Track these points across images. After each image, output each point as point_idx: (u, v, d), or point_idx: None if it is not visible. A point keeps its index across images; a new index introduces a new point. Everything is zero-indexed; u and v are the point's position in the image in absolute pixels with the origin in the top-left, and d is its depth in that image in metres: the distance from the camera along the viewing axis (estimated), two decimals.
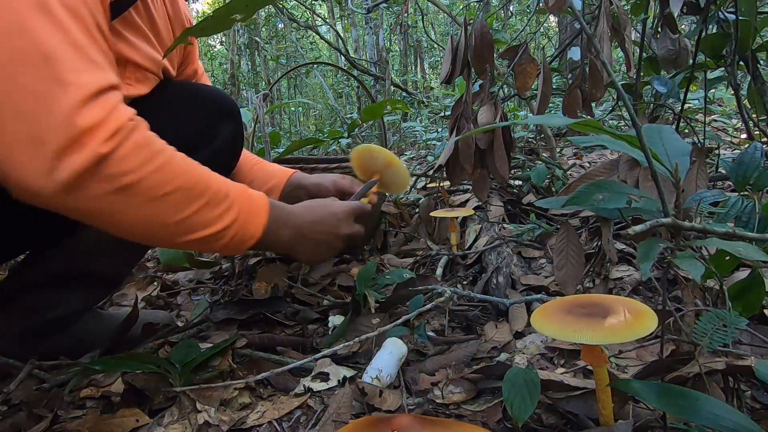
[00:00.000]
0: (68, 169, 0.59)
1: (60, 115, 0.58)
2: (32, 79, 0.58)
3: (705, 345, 0.61)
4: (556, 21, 5.75)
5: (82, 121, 0.59)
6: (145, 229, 0.69)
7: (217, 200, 0.73)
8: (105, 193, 0.63)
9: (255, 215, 0.78)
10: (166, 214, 0.68)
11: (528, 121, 0.63)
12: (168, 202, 0.68)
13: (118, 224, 0.68)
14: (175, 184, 0.68)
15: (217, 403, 0.79)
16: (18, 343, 0.95)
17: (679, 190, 0.62)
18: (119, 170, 0.63)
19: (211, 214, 0.72)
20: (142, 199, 0.65)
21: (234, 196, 0.75)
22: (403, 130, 4.36)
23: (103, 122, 0.61)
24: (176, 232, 0.70)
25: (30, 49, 0.59)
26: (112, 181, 0.63)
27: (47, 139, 0.58)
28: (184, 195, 0.69)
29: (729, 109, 3.21)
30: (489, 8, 5.85)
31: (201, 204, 0.71)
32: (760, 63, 1.48)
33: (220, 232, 0.73)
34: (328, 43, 6.71)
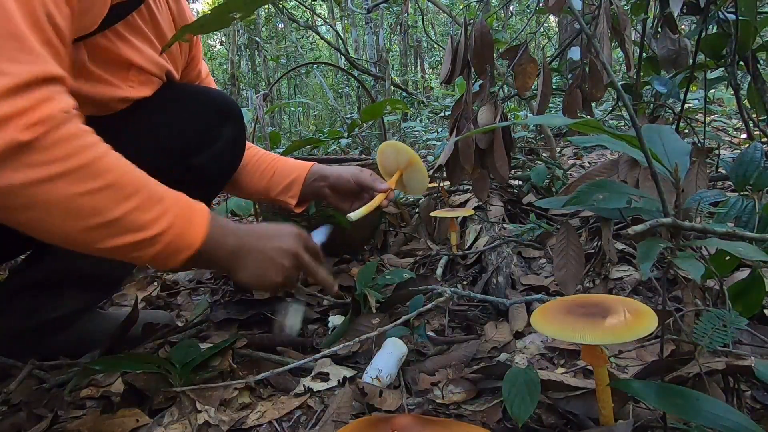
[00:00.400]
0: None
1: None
2: None
3: (705, 345, 0.61)
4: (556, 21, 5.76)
5: (2, 108, 0.56)
6: (63, 230, 0.63)
7: (148, 204, 0.67)
8: (22, 183, 0.58)
9: (194, 223, 0.71)
10: (89, 214, 0.63)
11: (528, 121, 0.63)
12: (92, 201, 0.62)
13: (33, 222, 0.62)
14: (103, 181, 0.63)
15: (217, 403, 0.79)
16: (18, 342, 0.95)
17: (679, 190, 0.62)
18: (40, 159, 0.59)
19: (142, 218, 0.66)
20: (62, 195, 0.60)
21: (170, 201, 0.69)
22: (403, 130, 4.36)
23: (26, 111, 0.58)
24: (99, 235, 0.64)
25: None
26: (31, 170, 0.58)
27: None
28: (111, 195, 0.64)
29: (729, 109, 3.21)
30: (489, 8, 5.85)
31: (130, 206, 0.65)
32: (760, 63, 1.48)
33: (152, 239, 0.66)
34: (328, 43, 6.71)
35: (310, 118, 12.08)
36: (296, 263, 0.81)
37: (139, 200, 0.66)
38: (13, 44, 0.59)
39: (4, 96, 0.56)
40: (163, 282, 1.49)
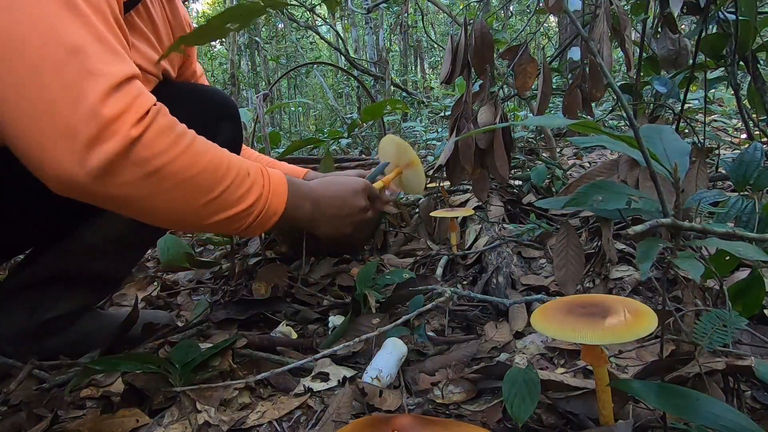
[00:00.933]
0: (100, 155, 0.61)
1: (90, 105, 0.60)
2: (62, 74, 0.60)
3: (705, 345, 0.61)
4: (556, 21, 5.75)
5: (109, 109, 0.61)
6: (176, 213, 0.70)
7: (240, 179, 0.74)
8: (136, 178, 0.64)
9: (276, 191, 0.79)
10: (196, 196, 0.70)
11: (528, 122, 0.63)
12: (196, 184, 0.69)
13: (149, 209, 0.69)
14: (201, 165, 0.69)
15: (217, 403, 0.79)
16: (18, 342, 0.95)
17: (678, 190, 0.62)
18: (149, 153, 0.64)
19: (237, 192, 0.73)
20: (172, 182, 0.67)
21: (254, 175, 0.77)
22: (403, 130, 4.36)
23: (130, 108, 0.62)
24: (205, 213, 0.71)
25: (58, 46, 0.61)
26: (142, 165, 0.64)
27: (79, 129, 0.60)
28: (210, 176, 0.70)
29: (729, 109, 3.21)
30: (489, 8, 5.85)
31: (227, 184, 0.72)
32: (760, 63, 1.48)
33: (247, 210, 0.75)
34: (328, 43, 6.71)
35: (310, 118, 12.08)
36: (365, 215, 0.96)
37: (233, 176, 0.73)
38: (101, 47, 0.63)
39: (109, 94, 0.61)
40: (163, 282, 1.49)
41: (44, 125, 0.60)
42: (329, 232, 0.92)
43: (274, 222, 0.80)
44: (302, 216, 0.86)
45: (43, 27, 0.60)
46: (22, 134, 0.61)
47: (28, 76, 0.60)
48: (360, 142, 3.82)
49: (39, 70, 0.60)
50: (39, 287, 0.97)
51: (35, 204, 0.91)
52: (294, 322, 1.13)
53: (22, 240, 1.00)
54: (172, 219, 0.72)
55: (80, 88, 0.60)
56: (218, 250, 1.81)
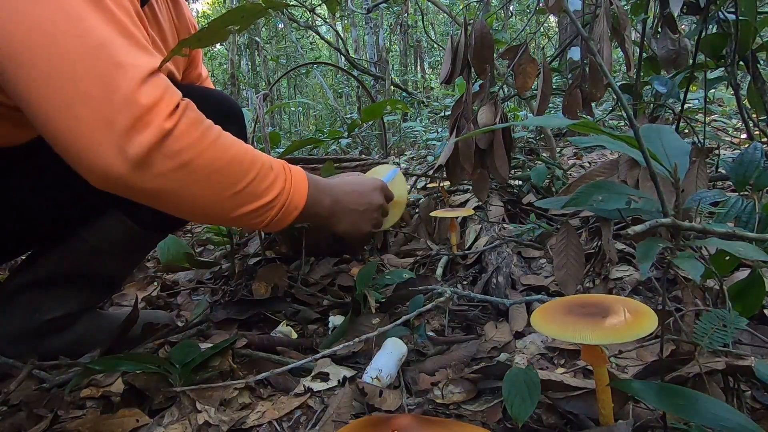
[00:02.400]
0: (137, 146, 0.61)
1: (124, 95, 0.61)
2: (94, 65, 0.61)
3: (705, 345, 0.61)
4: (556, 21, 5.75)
5: (145, 99, 0.61)
6: (205, 204, 0.71)
7: (264, 172, 0.75)
8: (170, 170, 0.65)
9: (298, 186, 0.80)
10: (223, 188, 0.70)
11: (527, 122, 0.63)
12: (224, 176, 0.70)
13: (181, 201, 0.69)
14: (227, 157, 0.70)
15: (217, 403, 0.79)
16: (18, 342, 0.96)
17: (678, 190, 0.62)
18: (181, 145, 0.65)
19: (262, 185, 0.74)
20: (202, 174, 0.68)
21: (277, 168, 0.78)
22: (403, 130, 4.36)
23: (162, 99, 0.63)
24: (232, 205, 0.73)
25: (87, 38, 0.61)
26: (176, 156, 0.65)
27: (115, 119, 0.60)
28: (236, 168, 0.71)
29: (729, 109, 3.21)
30: (489, 8, 5.85)
31: (252, 176, 0.73)
32: (760, 63, 1.48)
33: (270, 203, 0.76)
34: (328, 43, 6.71)
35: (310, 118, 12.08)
36: (382, 213, 0.97)
37: (257, 169, 0.74)
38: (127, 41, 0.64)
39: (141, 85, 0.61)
40: (163, 282, 1.49)
41: (81, 115, 0.60)
42: (348, 228, 0.92)
43: (295, 216, 0.80)
44: (322, 211, 0.86)
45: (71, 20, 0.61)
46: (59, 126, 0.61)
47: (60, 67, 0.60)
48: (360, 142, 3.82)
49: (71, 61, 0.60)
50: (39, 288, 0.97)
51: (36, 206, 0.91)
52: (294, 322, 1.13)
53: (23, 242, 1.00)
54: (202, 211, 0.73)
55: (112, 78, 0.61)
56: (218, 250, 1.81)
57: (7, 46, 0.60)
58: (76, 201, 0.94)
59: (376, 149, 3.98)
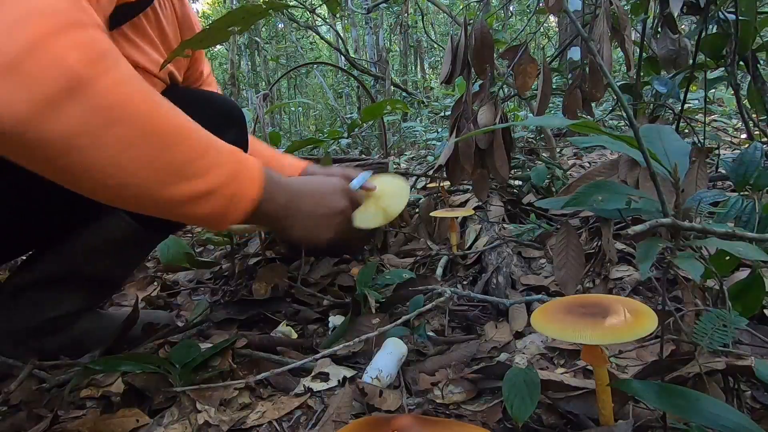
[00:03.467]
0: (41, 85, 0.51)
1: (28, 37, 0.51)
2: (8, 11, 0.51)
3: (705, 345, 0.61)
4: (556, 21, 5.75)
5: (63, 39, 0.52)
6: (128, 169, 0.57)
7: (204, 147, 0.63)
8: (85, 123, 0.53)
9: (250, 173, 0.68)
10: (151, 146, 0.57)
11: (527, 122, 0.63)
12: (153, 144, 0.57)
13: (90, 163, 0.55)
14: (163, 124, 0.59)
15: (217, 403, 0.79)
16: (18, 341, 0.96)
17: (678, 190, 0.62)
18: (103, 100, 0.54)
19: (201, 161, 0.61)
20: (126, 128, 0.55)
21: (227, 150, 0.66)
22: (403, 130, 4.36)
23: (85, 44, 0.54)
24: (165, 177, 0.59)
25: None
26: (95, 112, 0.54)
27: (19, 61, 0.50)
28: (171, 138, 0.59)
29: (729, 109, 3.21)
30: (489, 8, 5.85)
31: (190, 145, 0.61)
32: (760, 63, 1.48)
33: (207, 193, 0.62)
34: (328, 43, 6.71)
35: (310, 118, 12.07)
36: (344, 218, 0.84)
37: (195, 140, 0.62)
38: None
39: (63, 30, 0.52)
40: (163, 282, 1.49)
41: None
42: (303, 234, 0.79)
43: (244, 210, 0.67)
44: (275, 210, 0.73)
45: None
46: None
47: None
48: (360, 142, 3.82)
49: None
50: (40, 287, 0.97)
51: (38, 206, 0.91)
52: (294, 322, 1.13)
53: (25, 242, 1.00)
54: (121, 181, 0.57)
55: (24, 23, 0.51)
56: (218, 250, 1.81)
57: None
58: (77, 200, 0.94)
59: (376, 149, 3.98)
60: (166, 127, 0.59)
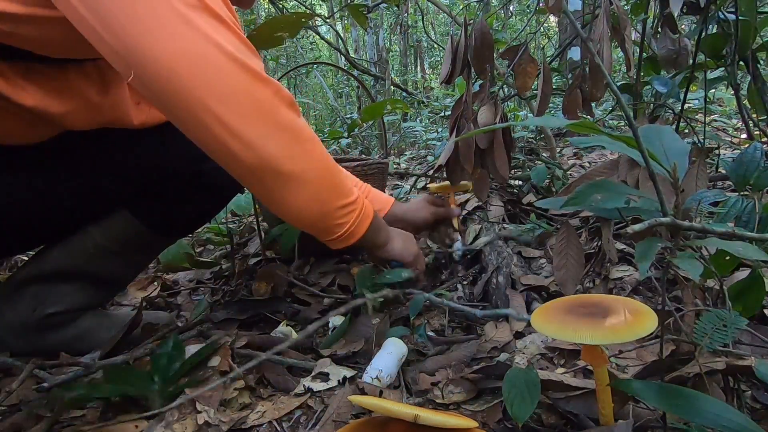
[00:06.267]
0: (283, 109, 0.76)
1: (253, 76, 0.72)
2: (237, 75, 0.70)
3: (705, 345, 0.61)
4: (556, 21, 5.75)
5: (273, 83, 0.74)
6: (314, 203, 0.81)
7: (351, 200, 0.88)
8: (290, 139, 0.76)
9: (365, 221, 0.92)
10: (331, 195, 0.83)
11: (527, 123, 0.63)
12: (329, 185, 0.82)
13: (293, 183, 0.78)
14: (327, 162, 0.82)
15: (217, 403, 0.79)
16: (20, 334, 0.96)
17: (678, 190, 0.62)
18: (302, 135, 0.78)
19: (345, 202, 0.87)
20: (318, 171, 0.80)
21: (357, 201, 0.90)
22: (403, 130, 4.36)
23: (282, 89, 0.76)
24: (330, 210, 0.84)
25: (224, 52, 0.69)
26: (300, 144, 0.77)
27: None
28: (339, 182, 0.84)
29: (729, 109, 3.21)
30: (489, 8, 5.85)
31: (343, 193, 0.86)
32: (760, 63, 1.48)
33: (346, 223, 0.88)
34: (328, 43, 6.70)
35: (310, 118, 12.07)
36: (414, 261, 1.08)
37: (347, 196, 0.87)
38: (248, 48, 0.73)
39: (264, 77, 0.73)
40: (163, 282, 1.49)
41: (233, 106, 0.70)
42: (373, 257, 1.10)
43: (350, 243, 0.91)
44: (366, 246, 1.01)
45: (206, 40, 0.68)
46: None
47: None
48: (360, 142, 3.82)
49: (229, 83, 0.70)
50: (44, 281, 0.98)
51: (47, 203, 0.92)
52: (294, 322, 1.13)
53: (33, 238, 1.01)
54: (310, 207, 0.81)
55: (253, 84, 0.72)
56: (218, 250, 1.81)
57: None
58: (86, 200, 0.95)
59: (376, 149, 3.98)
60: (336, 181, 0.85)
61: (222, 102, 0.69)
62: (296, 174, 0.76)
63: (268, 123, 0.73)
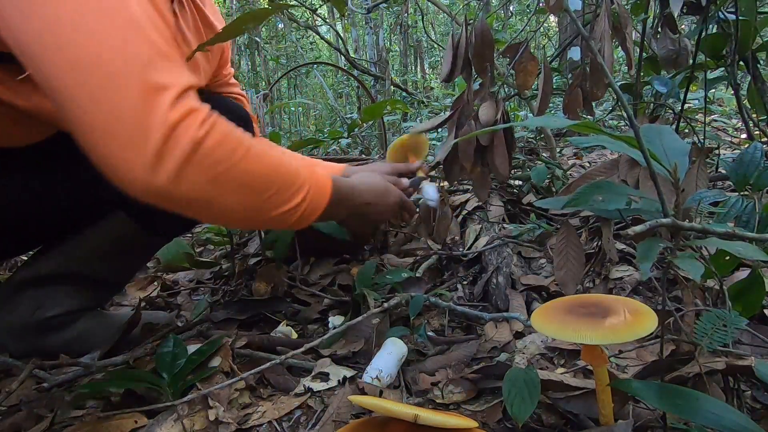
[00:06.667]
0: (170, 162, 0.64)
1: (159, 117, 0.63)
2: (132, 87, 0.63)
3: (705, 345, 0.61)
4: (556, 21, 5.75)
5: (176, 115, 0.63)
6: (236, 211, 0.74)
7: (290, 180, 0.79)
8: (204, 181, 0.67)
9: (320, 193, 0.85)
10: (254, 196, 0.74)
11: (528, 123, 0.63)
12: (255, 186, 0.73)
13: (213, 210, 0.72)
14: (259, 168, 0.73)
15: (226, 401, 0.79)
16: (19, 337, 0.96)
17: (678, 190, 0.62)
18: (214, 159, 0.67)
19: (288, 191, 0.78)
20: (235, 184, 0.70)
21: (303, 174, 0.81)
22: (403, 130, 4.36)
23: (194, 111, 0.65)
24: (264, 209, 0.77)
25: (128, 60, 0.63)
26: (208, 169, 0.67)
27: (148, 139, 0.62)
28: (267, 178, 0.75)
29: (729, 109, 3.21)
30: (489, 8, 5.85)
31: (279, 184, 0.77)
32: (760, 63, 1.48)
33: (294, 208, 0.80)
34: (328, 43, 6.71)
35: (310, 118, 12.06)
36: (389, 220, 1.06)
37: (284, 178, 0.78)
38: (166, 64, 0.66)
39: (174, 104, 0.64)
40: (163, 282, 1.49)
41: (117, 135, 0.63)
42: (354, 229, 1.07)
43: (312, 219, 0.85)
44: (337, 217, 0.93)
45: (112, 44, 0.63)
46: (97, 144, 0.64)
47: (100, 91, 0.62)
48: (360, 142, 3.82)
49: (113, 88, 0.62)
50: (42, 284, 0.97)
51: (43, 205, 0.92)
52: (294, 322, 1.13)
53: (29, 240, 1.00)
54: (232, 216, 0.75)
55: (151, 103, 0.63)
56: (218, 250, 1.81)
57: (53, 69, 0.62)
58: (82, 201, 0.95)
59: (376, 149, 3.98)
60: (265, 174, 0.75)
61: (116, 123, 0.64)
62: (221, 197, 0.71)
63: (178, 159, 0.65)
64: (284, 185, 0.78)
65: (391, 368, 0.84)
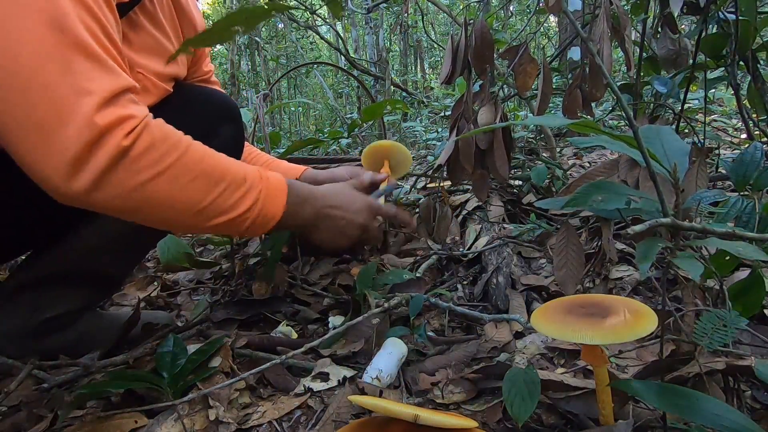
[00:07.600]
0: (91, 170, 0.62)
1: (80, 122, 0.61)
2: (52, 93, 0.61)
3: (705, 345, 0.61)
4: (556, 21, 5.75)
5: (102, 121, 0.62)
6: (171, 219, 0.71)
7: (235, 185, 0.74)
8: (128, 190, 0.65)
9: (274, 197, 0.79)
10: (190, 203, 0.71)
11: (527, 122, 0.63)
12: (190, 191, 0.70)
13: (147, 217, 0.70)
14: (194, 173, 0.70)
15: (226, 401, 0.79)
16: (18, 341, 0.96)
17: (678, 190, 0.62)
18: (139, 166, 0.65)
19: (230, 200, 0.74)
20: (163, 193, 0.67)
21: (251, 180, 0.77)
22: (403, 130, 4.36)
23: (121, 120, 0.63)
24: (201, 218, 0.73)
25: (47, 64, 0.61)
26: (132, 177, 0.65)
27: (69, 145, 0.61)
28: (204, 183, 0.71)
29: (729, 109, 3.21)
30: (489, 8, 5.85)
31: (221, 189, 0.73)
32: (760, 63, 1.48)
33: (242, 215, 0.75)
34: (328, 43, 6.71)
35: (310, 118, 12.06)
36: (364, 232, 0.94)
37: (225, 184, 0.73)
38: (92, 65, 0.64)
39: (99, 109, 0.62)
40: (163, 282, 1.49)
41: (35, 143, 0.61)
42: (324, 239, 0.92)
43: (272, 226, 0.80)
44: (302, 222, 0.87)
45: (32, 48, 0.60)
46: (17, 151, 0.63)
47: (17, 96, 0.60)
48: (360, 142, 3.82)
49: (28, 90, 0.60)
50: (40, 286, 0.97)
51: (36, 205, 0.91)
52: (294, 322, 1.13)
53: (25, 241, 1.00)
54: (170, 224, 0.74)
55: (70, 107, 0.61)
56: (218, 250, 1.81)
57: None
58: None
59: None
60: (200, 181, 0.71)
61: (40, 130, 0.62)
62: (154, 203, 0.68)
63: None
64: (225, 192, 0.73)
65: (391, 368, 0.84)
